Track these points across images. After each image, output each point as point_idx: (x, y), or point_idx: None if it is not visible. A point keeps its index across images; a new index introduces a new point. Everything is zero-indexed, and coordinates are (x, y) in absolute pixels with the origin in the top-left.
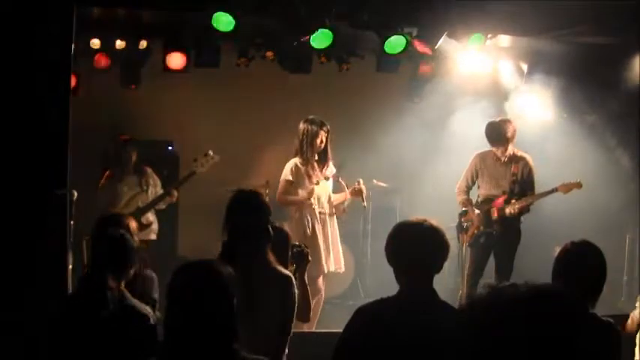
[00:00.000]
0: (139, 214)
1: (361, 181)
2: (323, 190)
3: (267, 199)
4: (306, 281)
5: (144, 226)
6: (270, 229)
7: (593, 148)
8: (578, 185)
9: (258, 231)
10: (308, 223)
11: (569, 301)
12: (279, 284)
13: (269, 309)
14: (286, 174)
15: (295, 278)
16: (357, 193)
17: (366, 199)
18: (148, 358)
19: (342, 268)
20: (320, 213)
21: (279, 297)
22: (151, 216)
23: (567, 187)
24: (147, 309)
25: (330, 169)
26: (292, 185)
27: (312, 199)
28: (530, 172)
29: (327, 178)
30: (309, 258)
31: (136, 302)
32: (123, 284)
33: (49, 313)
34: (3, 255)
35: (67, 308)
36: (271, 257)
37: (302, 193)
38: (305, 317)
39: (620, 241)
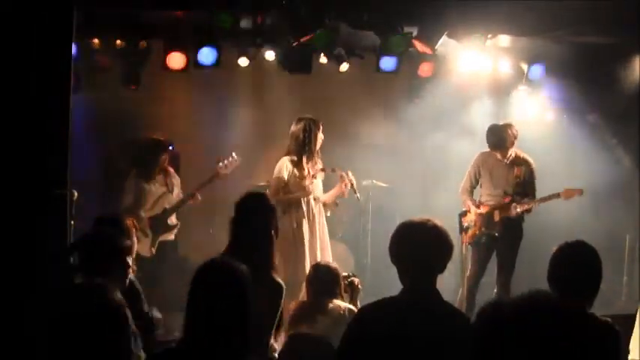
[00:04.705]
0: (166, 215)
1: (350, 172)
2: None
3: None
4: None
5: (170, 228)
6: (273, 232)
7: (593, 148)
8: (580, 192)
9: (263, 233)
10: (295, 222)
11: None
12: (272, 291)
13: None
14: (280, 172)
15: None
16: (348, 185)
17: (358, 192)
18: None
19: None
20: (308, 211)
21: (268, 303)
22: (174, 217)
23: (569, 194)
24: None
25: (317, 167)
26: (285, 183)
27: (302, 198)
28: (532, 175)
29: (314, 177)
30: (360, 287)
31: (119, 304)
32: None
33: (48, 314)
34: (3, 255)
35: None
36: (274, 263)
37: (299, 188)
38: None
39: (620, 241)
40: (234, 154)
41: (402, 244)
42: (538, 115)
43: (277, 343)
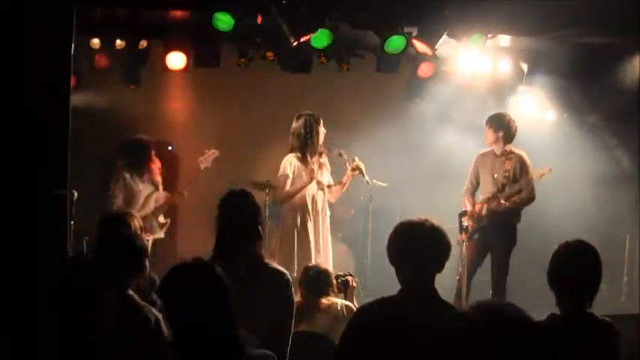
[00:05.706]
0: (156, 214)
1: (356, 158)
2: (317, 187)
3: (267, 198)
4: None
5: (160, 226)
6: (260, 228)
7: (593, 148)
8: (548, 170)
9: (247, 229)
10: (299, 220)
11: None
12: (273, 279)
13: (262, 303)
14: (285, 169)
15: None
16: (356, 169)
17: (367, 175)
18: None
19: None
20: (313, 212)
21: (272, 292)
22: (161, 216)
23: (538, 174)
24: (152, 311)
25: (324, 161)
26: (290, 180)
27: (307, 196)
28: (524, 168)
29: (320, 167)
30: (355, 284)
31: (140, 304)
32: (130, 285)
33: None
34: (3, 255)
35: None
36: (263, 253)
37: (303, 178)
38: None
39: (620, 241)
40: (212, 148)
41: (400, 244)
42: (538, 115)
43: None
